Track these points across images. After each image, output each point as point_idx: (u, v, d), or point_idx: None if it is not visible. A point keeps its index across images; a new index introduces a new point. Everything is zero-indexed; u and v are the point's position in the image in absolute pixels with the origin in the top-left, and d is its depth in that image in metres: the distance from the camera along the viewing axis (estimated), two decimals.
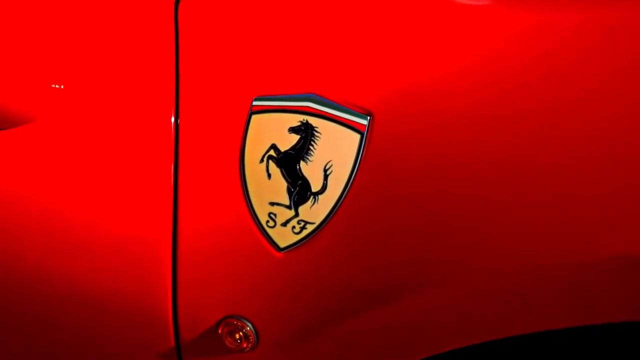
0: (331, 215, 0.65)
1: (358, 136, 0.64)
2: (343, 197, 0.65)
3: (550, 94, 0.60)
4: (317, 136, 0.65)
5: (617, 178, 0.58)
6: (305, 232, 0.66)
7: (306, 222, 0.66)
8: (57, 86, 0.72)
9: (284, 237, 0.67)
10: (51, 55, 0.73)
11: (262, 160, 0.67)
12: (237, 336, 0.70)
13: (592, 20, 0.60)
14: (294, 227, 0.66)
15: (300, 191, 0.66)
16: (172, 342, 0.74)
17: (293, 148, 0.66)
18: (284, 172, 0.66)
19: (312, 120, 0.65)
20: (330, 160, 0.65)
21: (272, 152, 0.67)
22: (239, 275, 0.69)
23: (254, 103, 0.67)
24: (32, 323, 0.79)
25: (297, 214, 0.66)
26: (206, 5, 0.73)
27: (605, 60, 0.59)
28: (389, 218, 0.64)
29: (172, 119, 0.70)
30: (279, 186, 0.66)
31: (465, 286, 0.63)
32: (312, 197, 0.66)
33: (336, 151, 0.65)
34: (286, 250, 0.67)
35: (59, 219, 0.73)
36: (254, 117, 0.67)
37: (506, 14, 0.63)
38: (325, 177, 0.65)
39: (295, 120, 0.66)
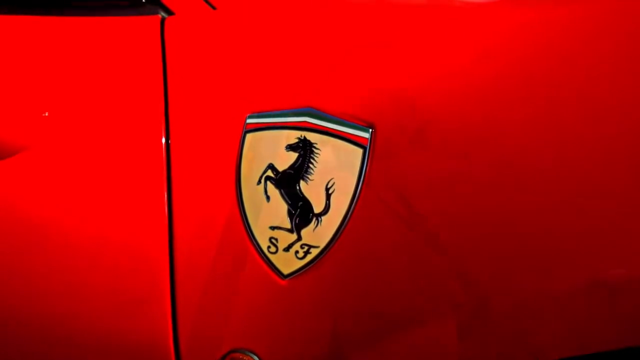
0: (336, 238, 0.61)
1: (360, 150, 0.59)
2: (348, 217, 0.60)
3: (552, 90, 0.57)
4: (316, 153, 0.61)
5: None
6: (309, 257, 0.61)
7: (310, 246, 0.61)
8: (46, 114, 0.69)
9: (288, 263, 0.62)
10: (37, 83, 0.70)
11: (259, 182, 0.63)
12: None
13: (584, 12, 0.59)
14: (297, 252, 0.62)
15: (301, 213, 0.61)
16: None
17: (292, 167, 0.62)
18: (284, 194, 0.62)
19: (311, 136, 0.61)
20: (332, 179, 0.61)
21: (269, 173, 0.62)
22: (242, 307, 0.65)
23: (248, 121, 0.63)
24: None
25: (299, 238, 0.62)
26: (193, 21, 0.69)
27: (602, 48, 0.58)
28: (398, 236, 0.60)
29: (163, 140, 0.66)
30: (279, 209, 0.62)
31: (492, 307, 0.59)
32: (314, 218, 0.61)
33: (338, 168, 0.60)
34: (291, 277, 0.62)
35: (58, 257, 0.70)
36: (248, 135, 0.63)
37: (501, 11, 0.61)
38: (328, 196, 0.61)
39: (293, 137, 0.62)
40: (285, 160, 0.62)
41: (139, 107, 0.67)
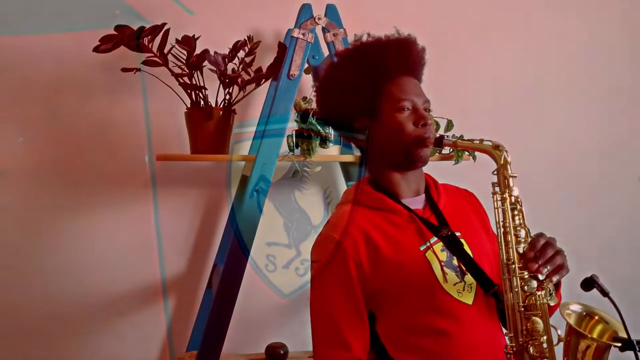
0: (338, 249, 0.56)
1: (359, 155, 0.55)
2: (349, 225, 0.56)
3: None
4: (311, 160, 0.56)
5: None
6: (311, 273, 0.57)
7: (311, 261, 0.57)
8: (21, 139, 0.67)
9: (288, 281, 0.58)
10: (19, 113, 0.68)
11: (252, 195, 0.58)
12: None
13: None
14: (297, 268, 0.57)
15: (299, 226, 0.57)
16: None
17: (285, 177, 0.57)
18: (278, 206, 0.58)
19: (304, 143, 0.57)
20: (329, 187, 0.57)
21: (261, 185, 0.58)
22: (243, 330, 0.61)
23: (235, 131, 0.59)
24: None
25: (299, 253, 0.57)
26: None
27: None
28: None
29: (146, 158, 0.62)
30: (274, 223, 0.58)
31: None
32: (313, 231, 0.57)
33: (335, 175, 0.56)
34: (292, 296, 0.58)
35: None
36: (236, 146, 0.59)
37: None
38: (326, 206, 0.57)
39: (284, 144, 0.57)
40: (278, 170, 0.58)
41: (124, 121, 0.64)
